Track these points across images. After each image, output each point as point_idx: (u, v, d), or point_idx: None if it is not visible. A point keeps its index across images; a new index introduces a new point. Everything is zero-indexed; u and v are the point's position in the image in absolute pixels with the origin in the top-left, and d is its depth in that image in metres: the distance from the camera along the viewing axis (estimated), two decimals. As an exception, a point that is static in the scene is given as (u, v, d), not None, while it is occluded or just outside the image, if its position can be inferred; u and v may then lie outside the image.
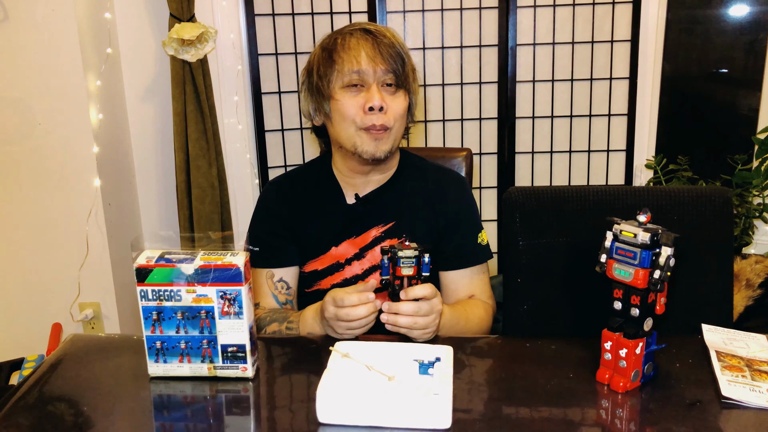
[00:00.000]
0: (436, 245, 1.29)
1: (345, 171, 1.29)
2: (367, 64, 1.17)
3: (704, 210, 1.17)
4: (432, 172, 1.35)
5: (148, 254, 0.95)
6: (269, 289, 1.28)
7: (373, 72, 1.17)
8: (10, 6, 1.94)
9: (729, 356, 0.99)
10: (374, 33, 1.20)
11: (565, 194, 1.20)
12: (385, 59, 1.17)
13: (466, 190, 1.35)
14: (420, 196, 1.30)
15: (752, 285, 2.07)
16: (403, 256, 1.03)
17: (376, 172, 1.29)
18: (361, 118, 1.18)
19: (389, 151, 1.21)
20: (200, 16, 2.17)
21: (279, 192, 1.34)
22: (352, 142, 1.20)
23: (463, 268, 1.30)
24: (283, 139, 2.44)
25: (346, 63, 1.18)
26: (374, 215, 1.28)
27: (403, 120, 1.23)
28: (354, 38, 1.20)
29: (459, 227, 1.30)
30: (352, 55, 1.18)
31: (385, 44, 1.18)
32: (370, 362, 0.91)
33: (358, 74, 1.17)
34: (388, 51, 1.18)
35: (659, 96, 2.47)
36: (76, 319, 2.19)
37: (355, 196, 1.29)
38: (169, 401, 0.93)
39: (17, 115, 2.02)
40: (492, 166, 2.51)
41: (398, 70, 1.18)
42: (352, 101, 1.18)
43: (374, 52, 1.18)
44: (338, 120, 1.21)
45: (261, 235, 1.31)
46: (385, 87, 1.19)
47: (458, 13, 2.35)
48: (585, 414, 0.88)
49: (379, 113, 1.17)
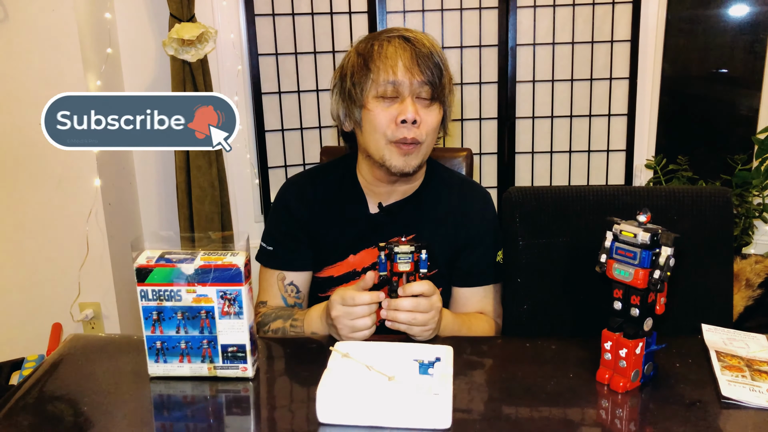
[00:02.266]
0: (452, 261, 1.27)
1: (370, 179, 1.26)
2: (404, 75, 1.13)
3: (704, 210, 1.17)
4: (457, 186, 1.32)
5: (148, 254, 0.95)
6: (279, 291, 1.27)
7: (409, 84, 1.13)
8: (10, 6, 1.94)
9: (729, 356, 0.99)
10: (413, 42, 1.15)
11: (565, 194, 1.20)
12: (422, 71, 1.13)
13: (489, 206, 1.32)
14: (443, 210, 1.28)
15: (752, 285, 2.07)
16: (399, 252, 1.03)
17: (402, 183, 1.26)
18: (392, 130, 1.14)
19: (418, 165, 1.18)
20: (200, 16, 2.17)
21: (300, 193, 1.29)
22: (380, 154, 1.16)
23: (476, 286, 1.28)
24: (283, 139, 2.44)
25: (382, 72, 1.13)
26: (396, 226, 1.26)
27: (435, 134, 1.19)
28: (392, 46, 1.14)
29: (479, 245, 1.28)
30: (388, 64, 1.13)
31: (423, 54, 1.13)
32: (370, 362, 0.91)
33: (393, 85, 1.13)
34: (426, 62, 1.13)
35: (659, 96, 2.47)
36: (76, 319, 2.19)
37: (378, 205, 1.27)
38: (169, 401, 0.93)
39: (17, 115, 2.02)
40: (492, 166, 2.51)
41: (435, 82, 1.14)
42: (385, 112, 1.14)
43: (412, 63, 1.13)
44: (369, 130, 1.17)
45: (277, 235, 1.29)
46: (420, 99, 1.15)
47: (458, 13, 2.35)
48: (585, 414, 0.88)
49: (411, 126, 1.13)
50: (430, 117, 1.16)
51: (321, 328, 1.12)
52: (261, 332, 1.21)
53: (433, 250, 1.22)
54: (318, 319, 1.13)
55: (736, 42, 2.59)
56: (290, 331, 1.17)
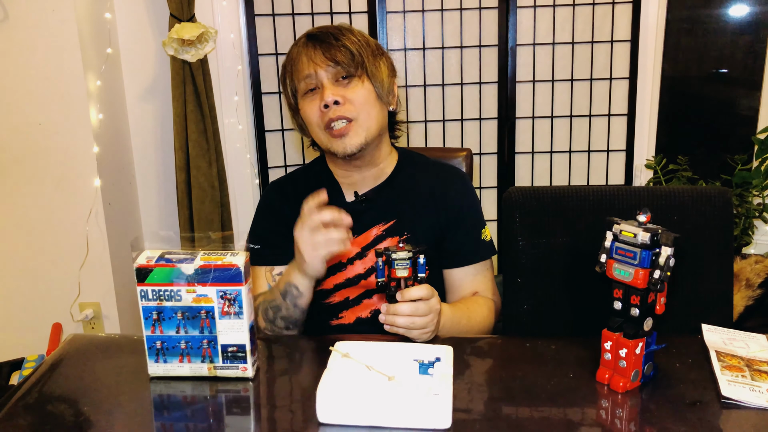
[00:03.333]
0: (438, 243, 1.28)
1: (339, 171, 1.30)
2: (311, 68, 1.19)
3: (704, 210, 1.17)
4: (432, 168, 1.34)
5: (148, 254, 0.95)
6: (266, 282, 1.28)
7: (316, 73, 1.19)
8: (10, 6, 1.94)
9: (729, 356, 0.99)
10: (317, 36, 1.22)
11: (565, 194, 1.20)
12: (326, 57, 1.19)
13: (467, 185, 1.34)
14: (421, 193, 1.29)
15: (752, 285, 2.07)
16: (397, 258, 1.03)
17: (369, 167, 1.28)
18: (320, 117, 1.20)
19: (361, 143, 1.20)
20: (200, 16, 2.17)
21: (280, 192, 1.34)
22: (325, 144, 1.23)
23: (466, 265, 1.29)
24: (283, 139, 2.44)
25: (295, 74, 1.23)
26: (375, 213, 1.28)
27: (370, 108, 1.21)
28: (297, 47, 1.23)
29: (462, 224, 1.29)
30: (297, 65, 1.22)
31: (326, 43, 1.20)
32: (370, 362, 0.91)
33: (307, 80, 1.20)
34: (328, 47, 1.19)
35: (659, 96, 2.47)
36: (76, 319, 2.19)
37: (354, 194, 1.29)
38: (169, 401, 0.93)
39: (17, 115, 2.02)
40: (492, 166, 2.51)
41: (344, 62, 1.19)
42: (311, 105, 1.21)
43: (314, 53, 1.19)
44: (309, 127, 1.25)
45: (262, 233, 1.31)
46: (340, 80, 1.20)
47: (458, 13, 2.35)
48: (585, 414, 0.88)
49: (334, 107, 1.18)
50: (353, 93, 1.20)
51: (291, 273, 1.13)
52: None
53: (416, 233, 1.24)
54: (289, 267, 1.15)
55: (736, 42, 2.59)
56: (269, 299, 1.17)
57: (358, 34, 1.24)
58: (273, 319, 1.17)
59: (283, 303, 1.15)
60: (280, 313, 1.16)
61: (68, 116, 2.02)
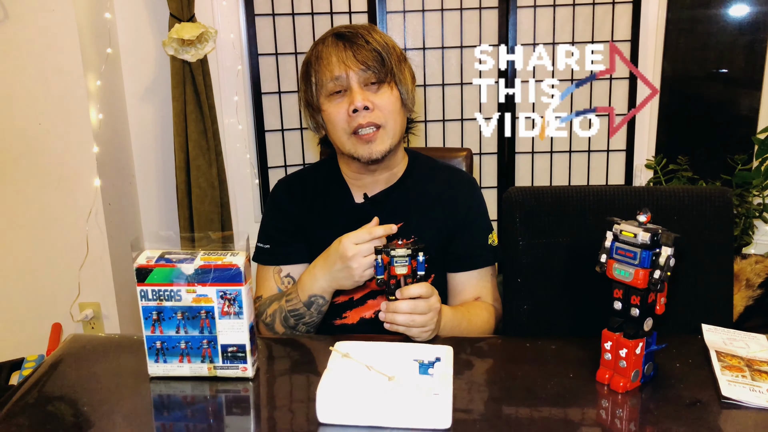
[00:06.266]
0: (444, 247, 1.28)
1: (351, 173, 1.30)
2: (341, 70, 1.18)
3: (704, 210, 1.17)
4: (442, 172, 1.34)
5: (148, 254, 0.95)
6: (275, 284, 1.28)
7: (347, 75, 1.18)
8: (10, 6, 1.94)
9: (729, 356, 0.99)
10: (346, 35, 1.20)
11: (565, 194, 1.20)
12: (358, 59, 1.17)
13: (476, 190, 1.34)
14: (429, 197, 1.30)
15: (752, 285, 2.07)
16: (396, 255, 1.03)
17: (383, 171, 1.28)
18: (348, 122, 1.18)
19: (386, 150, 1.20)
20: (200, 16, 2.17)
21: (289, 191, 1.34)
22: (346, 148, 1.21)
23: (470, 269, 1.29)
24: (283, 139, 2.44)
25: (322, 73, 1.20)
26: (383, 216, 1.27)
27: (396, 115, 1.22)
28: (325, 47, 1.21)
29: (469, 229, 1.29)
30: (324, 64, 1.19)
31: (357, 45, 1.18)
32: (370, 362, 0.91)
33: (335, 81, 1.18)
34: (360, 50, 1.18)
35: (659, 96, 2.47)
36: (76, 319, 2.19)
37: (363, 195, 1.29)
38: (169, 401, 0.93)
39: (17, 115, 2.02)
40: (492, 166, 2.51)
41: (376, 66, 1.18)
42: (338, 108, 1.19)
43: (346, 55, 1.18)
44: (331, 129, 1.23)
45: (271, 232, 1.31)
46: (369, 86, 1.19)
47: (458, 13, 2.35)
48: (585, 414, 0.88)
49: (364, 112, 1.17)
50: (382, 100, 1.19)
51: (322, 285, 1.13)
52: (260, 323, 1.22)
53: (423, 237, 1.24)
54: (315, 279, 1.14)
55: (736, 42, 2.59)
56: (287, 307, 1.17)
57: (384, 36, 1.23)
58: (294, 325, 1.18)
59: (307, 312, 1.16)
60: (303, 320, 1.17)
61: (68, 116, 2.02)
